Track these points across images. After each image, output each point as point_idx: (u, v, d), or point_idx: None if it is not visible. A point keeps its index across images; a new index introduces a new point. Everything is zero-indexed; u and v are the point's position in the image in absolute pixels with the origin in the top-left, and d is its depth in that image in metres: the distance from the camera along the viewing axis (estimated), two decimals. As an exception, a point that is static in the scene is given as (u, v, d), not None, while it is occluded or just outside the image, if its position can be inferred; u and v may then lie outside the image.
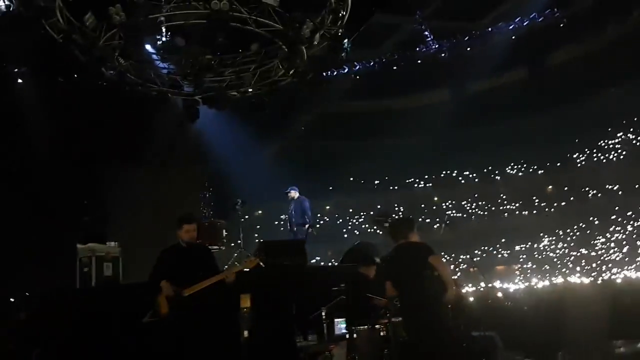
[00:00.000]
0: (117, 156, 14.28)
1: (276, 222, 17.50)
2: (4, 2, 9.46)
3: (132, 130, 13.89)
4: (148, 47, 10.42)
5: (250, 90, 11.39)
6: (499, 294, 9.75)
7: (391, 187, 18.48)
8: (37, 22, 9.47)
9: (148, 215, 14.01)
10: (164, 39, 9.66)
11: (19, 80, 12.89)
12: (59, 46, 9.65)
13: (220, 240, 9.09)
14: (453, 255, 15.61)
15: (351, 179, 18.58)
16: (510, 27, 13.98)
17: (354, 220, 18.83)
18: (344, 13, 9.62)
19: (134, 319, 6.27)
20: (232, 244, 10.54)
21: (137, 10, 8.59)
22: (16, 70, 12.81)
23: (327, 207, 18.94)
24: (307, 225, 10.76)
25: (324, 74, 12.91)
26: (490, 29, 14.03)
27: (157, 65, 10.71)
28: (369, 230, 17.77)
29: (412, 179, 18.61)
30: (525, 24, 13.92)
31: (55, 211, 11.63)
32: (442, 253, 15.73)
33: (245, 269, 5.94)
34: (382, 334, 6.37)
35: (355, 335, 6.43)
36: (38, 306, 7.53)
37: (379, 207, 17.76)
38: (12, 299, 8.07)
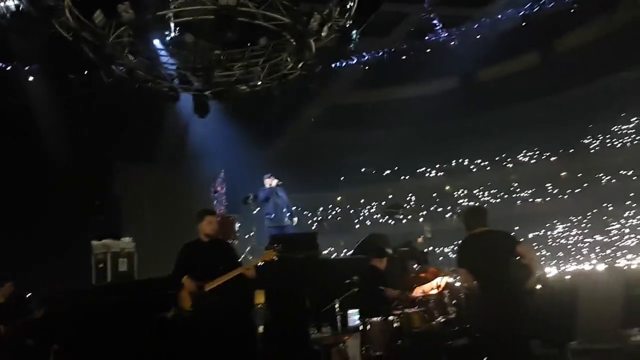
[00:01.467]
0: (128, 153, 14.45)
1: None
2: (14, 1, 9.54)
3: (141, 127, 14.02)
4: (157, 43, 10.45)
5: (259, 84, 11.38)
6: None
7: (402, 177, 18.46)
8: (46, 21, 9.54)
9: (160, 211, 14.16)
10: (172, 35, 9.72)
11: (30, 78, 13.04)
12: (69, 44, 9.72)
13: (233, 234, 9.17)
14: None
15: (362, 169, 18.60)
16: (520, 14, 13.79)
17: (365, 211, 18.85)
18: (352, 4, 9.57)
19: (151, 314, 6.39)
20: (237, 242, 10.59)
21: (145, 8, 8.62)
22: (27, 68, 12.96)
23: (338, 198, 18.97)
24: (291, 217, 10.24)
25: (332, 65, 12.89)
26: (499, 16, 13.85)
27: (166, 62, 10.73)
28: (380, 220, 17.79)
29: (424, 168, 18.55)
30: (535, 10, 13.72)
31: (68, 209, 11.77)
32: (455, 242, 15.97)
33: (262, 262, 5.98)
34: (395, 325, 6.40)
35: (368, 327, 6.46)
36: (55, 303, 7.67)
37: (390, 197, 17.77)
38: (28, 297, 8.21)
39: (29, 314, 7.15)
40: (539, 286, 6.82)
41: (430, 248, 10.12)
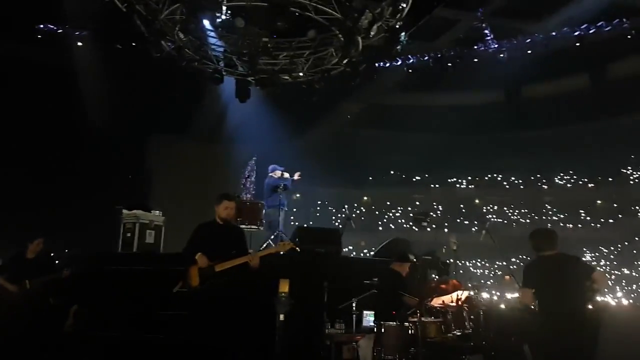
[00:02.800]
0: (166, 127, 14.69)
1: (312, 208, 17.69)
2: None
3: (180, 103, 14.23)
4: (206, 24, 10.55)
5: (302, 75, 11.41)
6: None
7: (432, 185, 18.28)
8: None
9: (189, 187, 14.38)
10: (223, 17, 9.80)
11: (79, 43, 13.34)
12: (122, 15, 9.88)
13: (259, 221, 9.23)
14: (485, 260, 15.36)
15: (392, 172, 18.50)
16: (575, 34, 13.40)
17: (390, 214, 18.76)
18: (405, 6, 9.47)
19: (169, 287, 6.52)
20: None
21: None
22: (77, 33, 13.26)
23: (365, 198, 18.95)
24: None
25: (376, 64, 12.81)
26: (554, 33, 13.49)
27: (213, 44, 10.84)
28: (404, 225, 17.69)
29: (455, 179, 18.35)
30: (591, 31, 13.31)
31: (101, 175, 12.04)
32: (480, 259, 15.71)
33: (278, 252, 6.05)
34: (410, 332, 6.37)
35: (383, 330, 6.44)
36: (80, 265, 7.88)
37: (417, 203, 17.64)
38: (57, 256, 8.45)
39: (56, 273, 7.33)
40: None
41: (451, 260, 10.00)
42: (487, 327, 6.67)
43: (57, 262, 7.92)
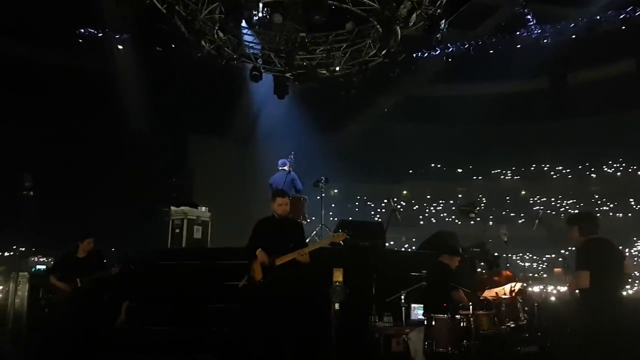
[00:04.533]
0: (205, 128, 14.90)
1: (350, 205, 17.59)
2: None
3: (218, 103, 14.41)
4: (243, 22, 10.61)
5: (338, 69, 11.34)
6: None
7: (475, 177, 17.90)
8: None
9: (230, 185, 14.55)
10: (260, 14, 9.85)
11: (119, 47, 13.64)
12: (162, 16, 10.02)
13: (303, 215, 9.24)
14: (532, 253, 14.94)
15: (432, 164, 18.21)
16: (620, 17, 12.85)
17: (432, 208, 18.48)
18: (445, -7, 9.29)
19: (218, 281, 6.59)
20: (309, 220, 10.65)
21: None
22: (117, 36, 13.56)
23: (405, 192, 18.73)
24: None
25: (414, 55, 12.62)
26: (598, 17, 12.98)
27: (251, 41, 10.91)
28: (447, 219, 17.40)
29: (499, 170, 17.90)
30: (637, 13, 12.74)
31: (150, 175, 12.31)
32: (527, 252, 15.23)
33: (327, 245, 6.03)
34: (462, 324, 6.22)
35: (434, 323, 6.31)
36: (131, 262, 8.04)
37: (459, 196, 17.31)
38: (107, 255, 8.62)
39: (106, 270, 7.47)
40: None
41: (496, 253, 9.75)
42: (542, 319, 6.47)
43: (105, 260, 8.09)
